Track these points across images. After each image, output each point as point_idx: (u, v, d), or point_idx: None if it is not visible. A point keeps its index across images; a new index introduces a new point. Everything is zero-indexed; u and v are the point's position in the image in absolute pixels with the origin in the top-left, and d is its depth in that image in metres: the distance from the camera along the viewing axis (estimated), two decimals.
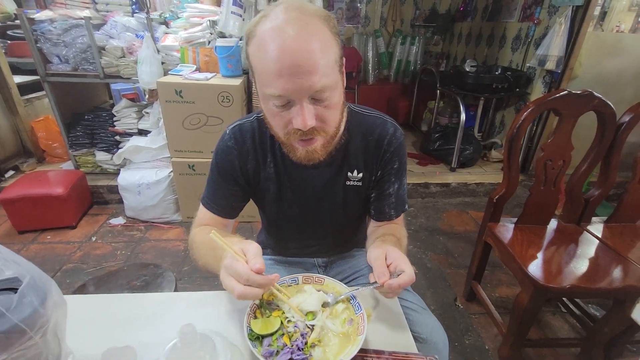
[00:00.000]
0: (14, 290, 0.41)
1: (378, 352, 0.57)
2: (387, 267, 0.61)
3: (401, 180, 0.82)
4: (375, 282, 0.60)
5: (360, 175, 0.79)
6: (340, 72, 0.65)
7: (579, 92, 1.26)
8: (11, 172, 2.58)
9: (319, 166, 0.76)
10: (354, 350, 0.51)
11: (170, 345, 0.47)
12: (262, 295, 0.63)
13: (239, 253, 0.57)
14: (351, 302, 0.62)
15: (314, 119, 0.61)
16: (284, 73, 0.56)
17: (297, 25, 0.56)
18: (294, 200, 0.82)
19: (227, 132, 0.79)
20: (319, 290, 0.64)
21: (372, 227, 0.87)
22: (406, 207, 0.85)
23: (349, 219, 0.88)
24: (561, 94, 1.26)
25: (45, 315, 0.40)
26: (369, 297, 0.72)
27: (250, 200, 0.88)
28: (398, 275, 0.59)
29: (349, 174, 0.79)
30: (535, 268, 1.22)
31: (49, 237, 2.15)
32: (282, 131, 0.65)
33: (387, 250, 0.64)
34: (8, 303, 0.38)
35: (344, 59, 0.66)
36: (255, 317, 0.59)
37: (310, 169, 0.77)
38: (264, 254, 1.00)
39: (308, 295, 0.62)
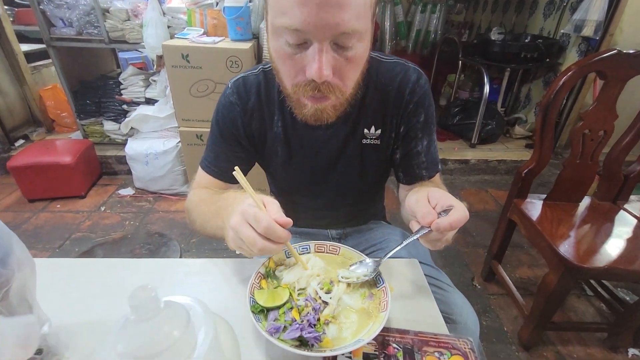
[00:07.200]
0: None
1: (402, 332, 0.49)
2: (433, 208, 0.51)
3: (430, 136, 0.71)
4: (422, 228, 0.50)
5: (379, 132, 0.70)
6: (372, 21, 0.54)
7: (631, 51, 1.11)
8: (21, 141, 2.56)
9: (332, 125, 0.67)
10: (376, 329, 0.43)
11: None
12: (270, 261, 0.56)
13: (258, 202, 0.48)
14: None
15: (331, 70, 0.50)
16: (309, 1, 0.45)
17: None
18: (305, 165, 0.73)
19: (230, 85, 0.70)
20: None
21: (404, 191, 0.76)
22: (439, 167, 0.74)
23: (366, 185, 0.79)
24: (610, 53, 1.12)
25: (5, 275, 0.33)
26: (390, 269, 0.64)
27: (258, 167, 0.79)
28: (446, 214, 0.48)
29: (365, 130, 0.70)
30: (566, 247, 1.12)
31: (58, 206, 2.14)
32: (290, 81, 0.55)
33: (429, 191, 0.55)
34: None
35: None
36: (261, 288, 0.51)
37: (323, 128, 0.68)
38: None
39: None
